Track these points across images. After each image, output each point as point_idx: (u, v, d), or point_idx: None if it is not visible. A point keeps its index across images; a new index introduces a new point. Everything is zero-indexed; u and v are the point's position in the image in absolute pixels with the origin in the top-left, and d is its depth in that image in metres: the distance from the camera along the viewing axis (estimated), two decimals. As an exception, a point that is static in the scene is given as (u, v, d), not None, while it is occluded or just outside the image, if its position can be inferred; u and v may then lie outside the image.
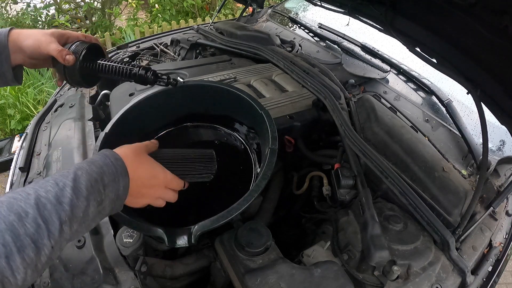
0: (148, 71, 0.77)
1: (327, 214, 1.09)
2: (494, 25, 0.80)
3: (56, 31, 0.73)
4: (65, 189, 0.47)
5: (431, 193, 1.03)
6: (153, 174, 0.63)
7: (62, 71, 0.73)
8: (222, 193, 0.99)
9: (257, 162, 1.03)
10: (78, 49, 0.72)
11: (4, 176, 2.66)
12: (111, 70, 0.76)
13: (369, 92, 1.50)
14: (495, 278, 0.97)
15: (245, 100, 0.99)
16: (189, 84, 1.06)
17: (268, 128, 0.90)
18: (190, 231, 0.71)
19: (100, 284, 0.77)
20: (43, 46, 0.69)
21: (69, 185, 0.48)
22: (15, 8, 4.20)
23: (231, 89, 1.03)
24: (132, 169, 0.59)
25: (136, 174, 0.59)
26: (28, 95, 3.16)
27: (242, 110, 1.03)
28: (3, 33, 0.67)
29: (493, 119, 1.00)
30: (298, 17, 2.25)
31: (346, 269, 0.89)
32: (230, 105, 1.05)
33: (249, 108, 0.98)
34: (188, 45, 1.88)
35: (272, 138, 0.88)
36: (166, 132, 1.09)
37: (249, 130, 1.07)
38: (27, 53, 0.70)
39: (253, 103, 0.97)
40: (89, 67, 0.75)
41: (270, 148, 0.86)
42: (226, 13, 5.35)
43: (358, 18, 1.44)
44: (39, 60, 0.73)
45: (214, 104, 1.07)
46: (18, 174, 1.20)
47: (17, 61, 0.70)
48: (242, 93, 1.01)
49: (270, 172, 0.80)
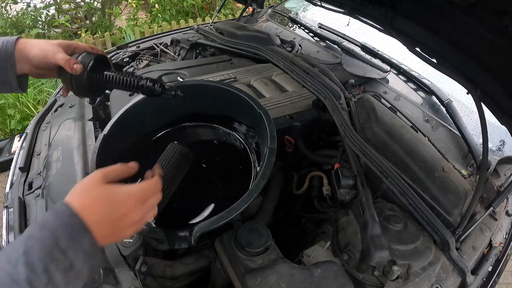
0: (156, 83, 0.76)
1: (327, 214, 1.09)
2: (494, 25, 0.80)
3: (63, 42, 0.72)
4: (17, 265, 0.42)
5: (431, 193, 1.03)
6: (116, 204, 0.52)
7: (69, 81, 0.72)
8: (222, 192, 0.99)
9: (256, 161, 1.03)
10: (85, 59, 0.72)
11: (4, 176, 2.66)
12: (118, 81, 0.76)
13: (369, 92, 1.50)
14: (495, 278, 0.97)
15: (243, 99, 0.99)
16: (188, 84, 1.06)
17: (267, 128, 0.90)
18: (190, 232, 0.71)
19: (100, 284, 0.77)
20: (50, 56, 0.68)
21: (21, 260, 0.42)
22: (15, 8, 4.20)
23: (230, 89, 1.03)
24: (92, 217, 0.49)
25: (98, 218, 0.50)
26: (28, 95, 3.16)
27: (241, 109, 1.03)
28: (10, 42, 0.67)
29: (493, 119, 1.00)
30: (298, 17, 2.25)
31: (346, 269, 0.89)
32: (229, 104, 1.05)
33: (248, 108, 0.98)
34: (188, 45, 1.88)
35: (270, 138, 0.87)
36: (165, 133, 1.09)
37: (249, 129, 1.07)
38: (33, 62, 0.69)
39: (251, 103, 0.97)
40: (96, 77, 0.74)
41: (268, 147, 0.85)
42: (226, 13, 5.35)
43: (358, 18, 1.44)
44: (45, 70, 0.72)
45: (213, 103, 1.07)
46: (18, 174, 1.20)
47: (23, 70, 0.70)
48: (241, 92, 1.01)
49: (269, 172, 0.80)
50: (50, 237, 0.45)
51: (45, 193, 1.05)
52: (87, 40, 3.88)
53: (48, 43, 0.70)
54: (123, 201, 0.53)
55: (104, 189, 0.52)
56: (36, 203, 1.06)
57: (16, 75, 0.69)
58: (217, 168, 1.05)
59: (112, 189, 0.53)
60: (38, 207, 1.04)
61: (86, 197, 0.51)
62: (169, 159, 0.80)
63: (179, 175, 0.81)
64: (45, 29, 4.21)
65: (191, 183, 0.85)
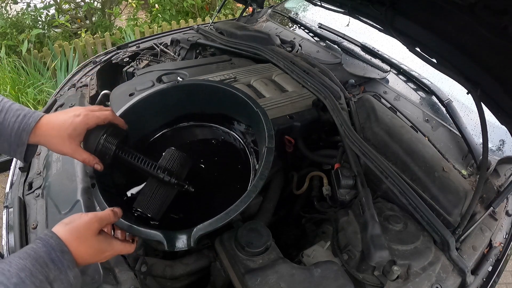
0: (172, 176, 0.81)
1: (327, 214, 1.09)
2: (494, 25, 0.80)
3: (79, 126, 0.69)
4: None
5: (431, 193, 1.03)
6: (101, 252, 0.63)
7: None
8: (221, 192, 0.99)
9: (255, 160, 1.03)
10: (104, 150, 0.74)
11: (4, 176, 2.66)
12: (139, 167, 0.80)
13: (369, 92, 1.50)
14: (495, 278, 0.97)
15: (240, 98, 0.98)
16: (184, 84, 1.05)
17: (264, 127, 0.89)
18: (189, 234, 0.71)
19: (100, 284, 0.77)
20: (69, 153, 0.69)
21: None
22: (15, 8, 4.20)
23: (227, 88, 1.02)
24: (81, 258, 0.59)
25: (85, 258, 0.60)
26: (28, 95, 3.16)
27: (238, 108, 1.02)
28: (26, 131, 0.64)
29: (493, 119, 1.00)
30: (298, 17, 2.25)
31: (346, 269, 0.89)
32: (226, 103, 1.04)
33: (245, 106, 0.98)
34: (188, 45, 1.88)
35: (268, 137, 0.86)
36: (162, 134, 1.08)
37: (247, 128, 1.06)
38: (50, 146, 0.69)
39: (248, 101, 0.96)
40: (120, 156, 0.78)
41: (266, 147, 0.84)
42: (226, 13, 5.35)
43: (358, 18, 1.44)
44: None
45: (210, 102, 1.07)
46: (18, 174, 1.20)
47: (37, 143, 0.68)
48: (238, 91, 1.00)
49: (267, 171, 0.80)
50: (42, 271, 0.51)
51: (45, 193, 1.04)
52: (87, 40, 3.88)
53: (66, 135, 0.67)
54: (105, 250, 0.64)
55: (97, 240, 0.62)
56: (36, 203, 1.06)
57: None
58: (216, 168, 1.05)
59: (102, 242, 0.63)
60: (38, 207, 1.04)
61: (80, 243, 0.59)
62: (168, 165, 0.83)
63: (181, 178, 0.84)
64: (45, 29, 4.21)
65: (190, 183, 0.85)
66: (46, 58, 3.62)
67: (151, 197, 0.83)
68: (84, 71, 1.83)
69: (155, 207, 0.82)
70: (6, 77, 3.18)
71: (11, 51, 3.73)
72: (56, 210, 0.96)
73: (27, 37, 3.70)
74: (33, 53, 3.54)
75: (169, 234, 0.71)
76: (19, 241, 0.94)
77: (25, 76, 3.38)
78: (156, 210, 0.82)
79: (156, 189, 0.83)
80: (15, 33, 3.76)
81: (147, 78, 1.42)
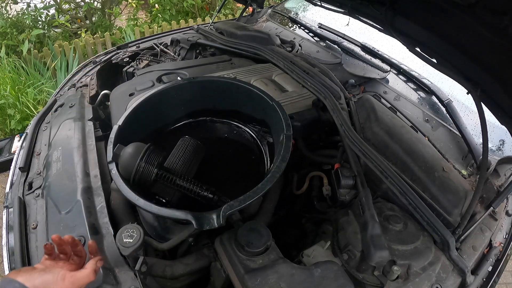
0: (215, 195, 0.90)
1: (327, 214, 1.09)
2: (494, 25, 0.80)
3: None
4: None
5: (431, 193, 1.03)
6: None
7: None
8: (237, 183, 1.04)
9: (268, 153, 1.08)
10: (148, 171, 0.86)
11: (4, 176, 2.66)
12: (185, 189, 0.89)
13: (369, 92, 1.50)
14: (495, 278, 0.97)
15: (254, 93, 1.04)
16: (199, 80, 1.11)
17: (281, 117, 0.96)
18: (218, 212, 0.75)
19: (100, 284, 0.77)
20: None
21: None
22: (15, 8, 4.20)
23: (241, 84, 1.08)
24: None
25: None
26: (28, 95, 3.15)
27: (252, 103, 1.08)
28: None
29: (493, 119, 1.00)
30: (298, 17, 2.25)
31: (346, 269, 0.89)
32: (239, 99, 1.10)
33: (260, 101, 1.03)
34: (188, 45, 1.88)
35: (286, 125, 0.94)
36: (177, 127, 1.16)
37: (260, 122, 1.11)
38: None
39: (263, 96, 1.03)
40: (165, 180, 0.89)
41: (285, 134, 0.92)
42: (226, 13, 5.35)
43: (358, 18, 1.44)
44: None
45: (223, 98, 1.13)
46: (18, 174, 1.20)
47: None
48: (252, 87, 1.06)
49: (288, 155, 0.86)
50: None
51: (45, 193, 1.04)
52: (87, 40, 3.88)
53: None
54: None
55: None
56: (36, 203, 1.06)
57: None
58: (230, 160, 1.10)
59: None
60: (38, 207, 1.04)
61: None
62: (182, 152, 0.91)
63: (194, 166, 0.93)
64: (45, 29, 4.21)
65: (206, 174, 0.90)
66: (46, 58, 3.61)
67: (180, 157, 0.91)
68: (84, 71, 1.83)
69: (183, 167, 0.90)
70: (6, 77, 3.18)
71: (11, 51, 3.72)
72: (56, 210, 0.97)
73: (27, 37, 3.70)
74: (33, 53, 3.54)
75: (197, 214, 0.74)
76: (19, 241, 0.94)
77: (25, 76, 3.37)
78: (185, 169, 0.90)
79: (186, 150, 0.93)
80: (15, 33, 3.75)
81: (147, 78, 1.42)
